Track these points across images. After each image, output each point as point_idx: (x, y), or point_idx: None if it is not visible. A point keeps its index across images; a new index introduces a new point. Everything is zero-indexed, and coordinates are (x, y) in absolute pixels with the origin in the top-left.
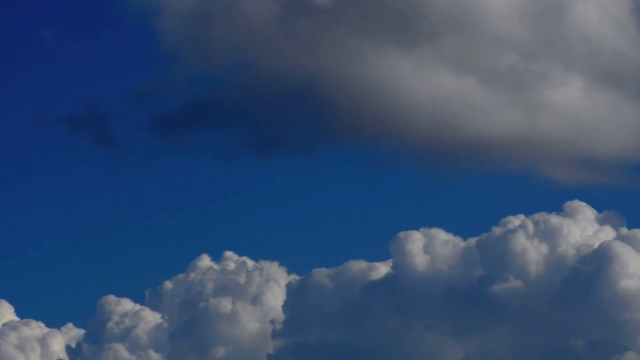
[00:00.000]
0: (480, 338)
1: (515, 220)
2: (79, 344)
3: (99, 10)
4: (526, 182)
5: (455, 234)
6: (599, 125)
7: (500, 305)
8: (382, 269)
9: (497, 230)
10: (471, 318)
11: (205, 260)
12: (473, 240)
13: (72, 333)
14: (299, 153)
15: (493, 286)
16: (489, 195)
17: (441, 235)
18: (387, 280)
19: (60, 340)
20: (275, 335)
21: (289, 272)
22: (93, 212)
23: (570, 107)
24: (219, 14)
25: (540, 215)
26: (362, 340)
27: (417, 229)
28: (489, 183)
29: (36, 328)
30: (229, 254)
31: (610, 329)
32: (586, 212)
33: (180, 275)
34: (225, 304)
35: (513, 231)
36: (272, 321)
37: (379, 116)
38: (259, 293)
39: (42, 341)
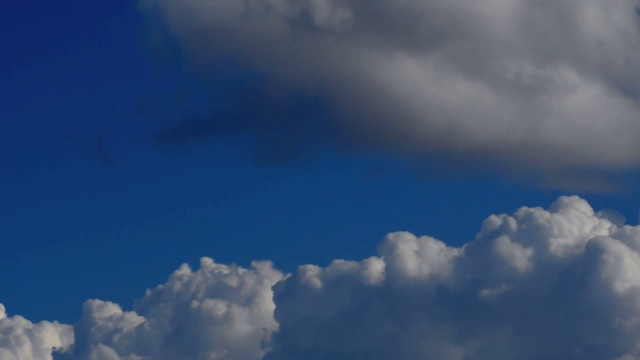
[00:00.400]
0: (477, 343)
1: (499, 220)
2: (64, 354)
3: (98, 22)
4: (530, 189)
5: (451, 239)
6: (608, 132)
7: (497, 309)
8: (373, 264)
9: (479, 236)
10: (466, 322)
11: (202, 263)
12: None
13: (60, 329)
14: (303, 161)
15: (484, 290)
16: (490, 201)
17: (431, 243)
18: (379, 285)
19: (52, 332)
20: (265, 344)
21: (285, 273)
22: (88, 216)
23: (579, 114)
24: (222, 26)
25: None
26: (356, 344)
27: (414, 234)
28: (491, 188)
29: (25, 325)
30: (208, 260)
31: (608, 333)
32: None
33: (173, 280)
34: (220, 307)
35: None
36: (264, 329)
37: (385, 122)
38: (252, 295)
39: (31, 336)
